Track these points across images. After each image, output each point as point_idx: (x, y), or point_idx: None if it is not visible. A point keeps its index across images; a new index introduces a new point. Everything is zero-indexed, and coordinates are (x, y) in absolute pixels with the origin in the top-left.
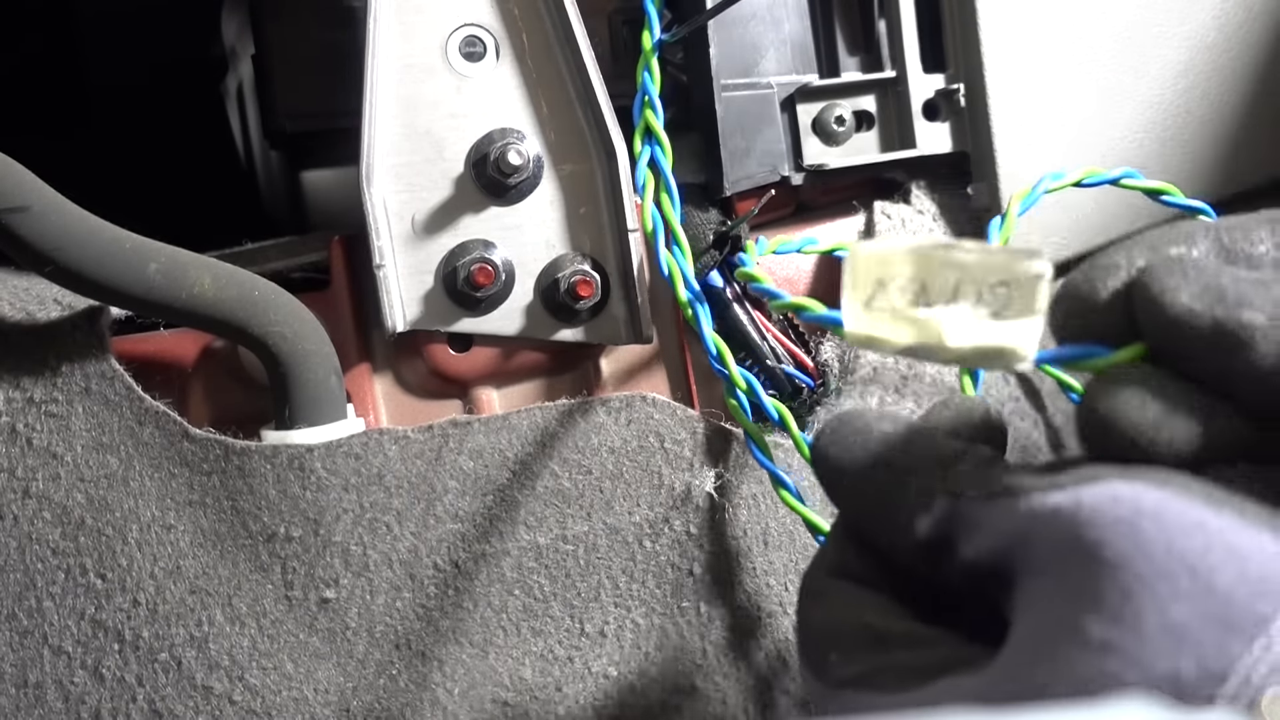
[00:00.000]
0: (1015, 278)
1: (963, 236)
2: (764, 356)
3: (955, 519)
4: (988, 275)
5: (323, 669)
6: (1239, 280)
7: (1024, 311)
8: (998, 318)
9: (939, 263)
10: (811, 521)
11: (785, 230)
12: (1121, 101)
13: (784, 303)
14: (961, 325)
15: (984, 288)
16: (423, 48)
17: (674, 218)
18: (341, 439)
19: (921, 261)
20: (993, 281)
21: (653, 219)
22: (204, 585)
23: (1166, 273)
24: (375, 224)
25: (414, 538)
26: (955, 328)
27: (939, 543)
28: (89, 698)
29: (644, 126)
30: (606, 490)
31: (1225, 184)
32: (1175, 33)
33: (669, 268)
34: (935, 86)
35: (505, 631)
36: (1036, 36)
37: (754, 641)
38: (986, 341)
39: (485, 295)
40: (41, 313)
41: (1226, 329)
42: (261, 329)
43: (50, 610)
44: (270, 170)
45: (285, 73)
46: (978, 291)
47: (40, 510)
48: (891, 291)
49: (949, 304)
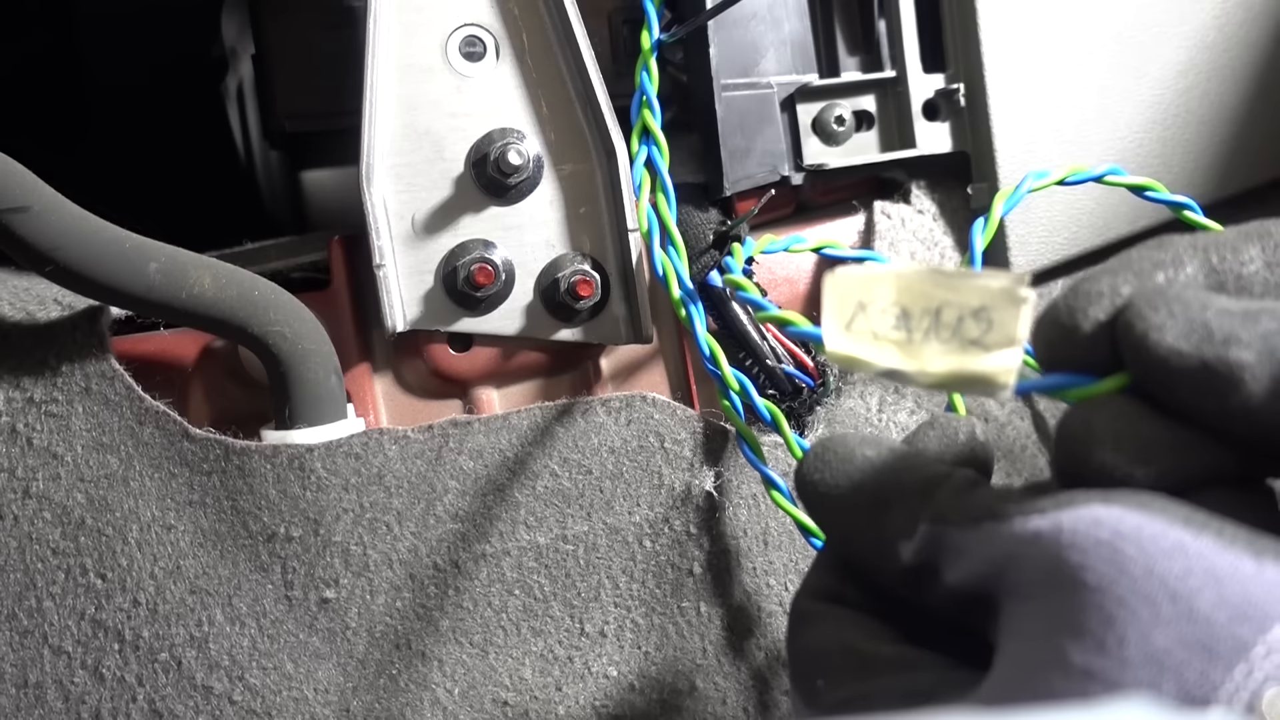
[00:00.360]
0: (996, 304)
1: (962, 235)
2: (764, 356)
3: (938, 545)
4: (969, 301)
5: (323, 669)
6: (1226, 315)
7: (1004, 340)
8: (978, 344)
9: (921, 287)
10: (804, 524)
11: (781, 230)
12: (1121, 101)
13: (768, 315)
14: (941, 351)
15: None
16: (423, 48)
17: (670, 218)
18: (341, 439)
19: (903, 285)
20: (974, 307)
21: (649, 219)
22: (204, 585)
23: (1151, 309)
24: (375, 224)
25: (414, 538)
26: (935, 353)
27: (923, 569)
28: (89, 698)
29: (641, 126)
30: (606, 490)
31: (1225, 184)
32: (1175, 33)
33: (663, 268)
34: (935, 86)
35: (505, 631)
36: (1036, 36)
37: (754, 641)
38: (966, 368)
39: (485, 295)
40: (41, 313)
41: (1215, 370)
42: (261, 328)
43: (50, 610)
44: (270, 170)
45: (285, 73)
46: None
47: (40, 510)
48: (872, 314)
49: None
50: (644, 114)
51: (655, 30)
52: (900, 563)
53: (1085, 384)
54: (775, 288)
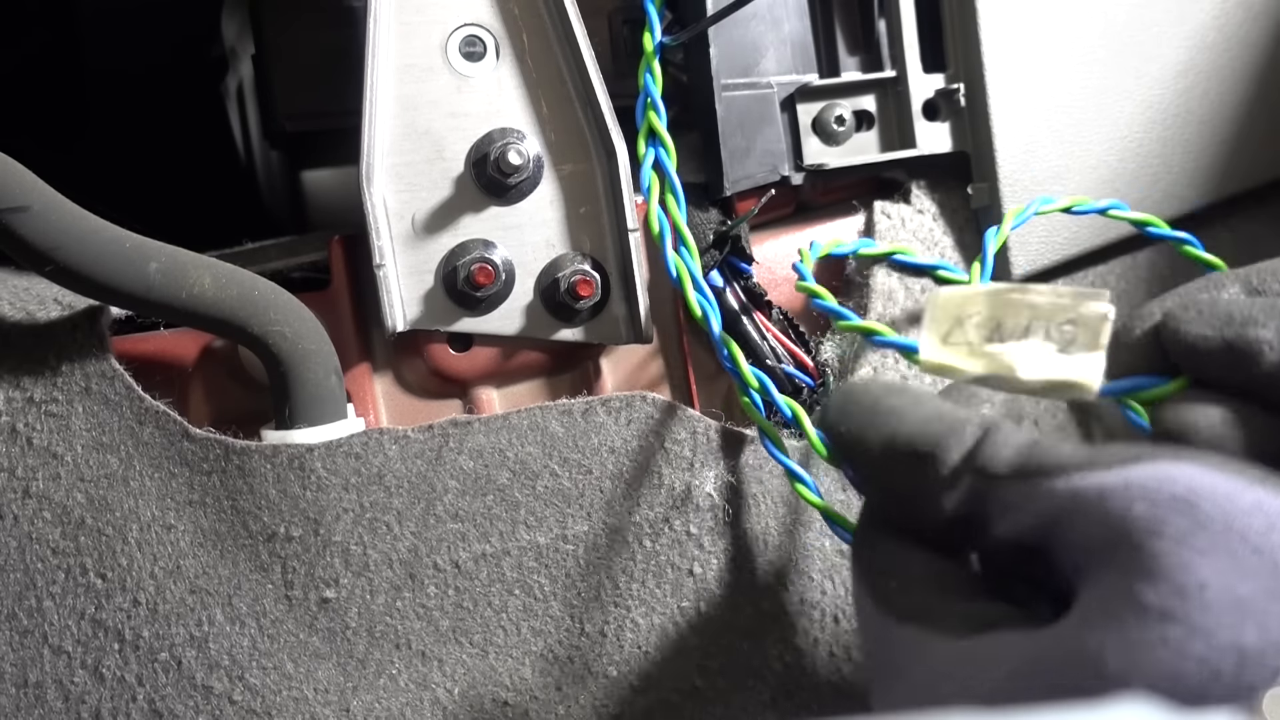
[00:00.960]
0: (1081, 317)
1: (962, 235)
2: (764, 356)
3: (986, 499)
4: (1056, 314)
5: (323, 669)
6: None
7: (1089, 346)
8: (1064, 352)
9: (1012, 303)
10: (832, 514)
11: (780, 231)
12: (1121, 101)
13: (851, 325)
14: (1032, 359)
15: (1052, 325)
16: (423, 48)
17: (681, 219)
18: (341, 439)
19: (996, 301)
20: (1060, 320)
21: (659, 221)
22: (204, 585)
23: (1183, 309)
24: (375, 224)
25: (414, 537)
26: (1026, 361)
27: (969, 519)
28: (89, 697)
29: (647, 128)
30: (606, 490)
31: (1225, 184)
32: (1175, 33)
33: (677, 270)
34: (935, 86)
35: (505, 631)
36: (1036, 36)
37: (754, 641)
38: (1055, 374)
39: (485, 295)
40: (41, 313)
41: (1235, 346)
42: (261, 328)
43: (50, 610)
44: (270, 170)
45: (285, 73)
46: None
47: (40, 510)
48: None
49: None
50: (650, 116)
51: (657, 32)
52: (943, 514)
53: (1157, 384)
54: (775, 287)
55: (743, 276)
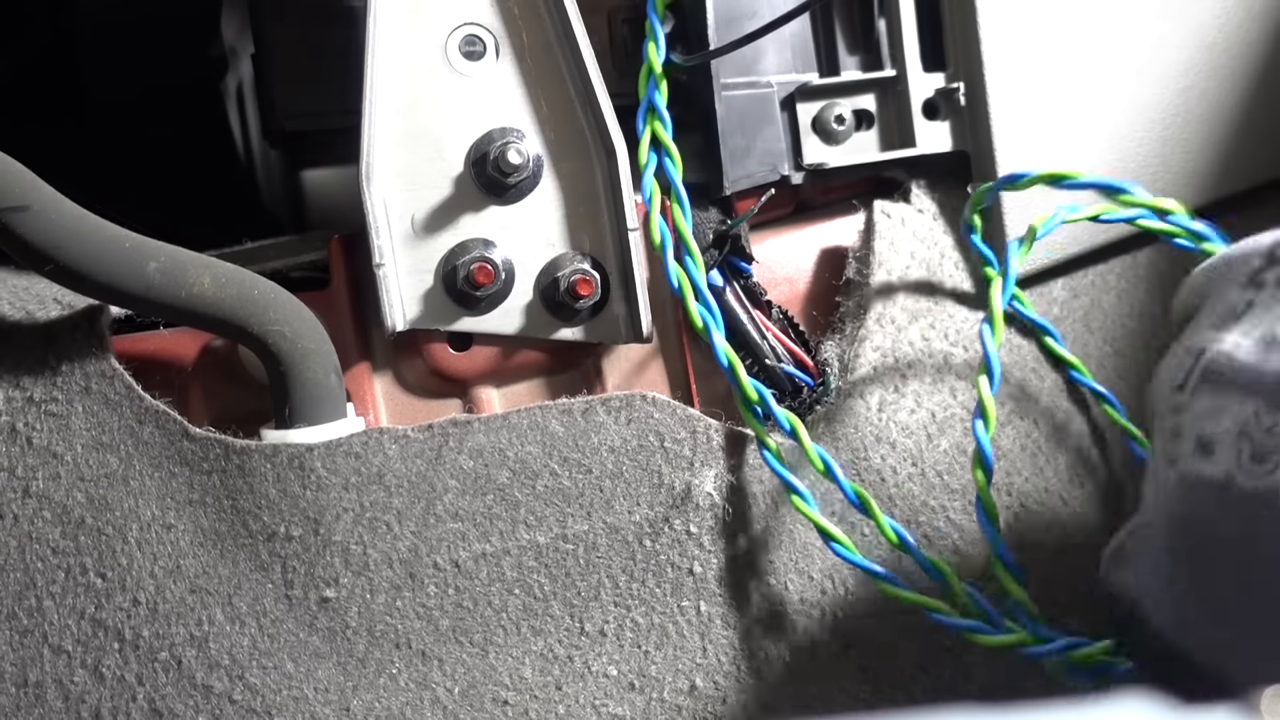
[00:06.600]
0: None
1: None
2: (764, 355)
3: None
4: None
5: (323, 668)
6: None
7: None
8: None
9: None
10: (823, 528)
11: (780, 230)
12: (1121, 101)
13: None
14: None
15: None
16: (423, 47)
17: (686, 229)
18: (341, 438)
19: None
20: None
21: (660, 232)
22: (204, 584)
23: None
24: (375, 223)
25: (414, 537)
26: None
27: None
28: (89, 697)
29: (651, 136)
30: (606, 489)
31: (1224, 184)
32: (1175, 33)
33: (679, 281)
34: (935, 85)
35: (505, 631)
36: (1036, 36)
37: (754, 641)
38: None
39: (485, 294)
40: (41, 312)
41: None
42: (261, 328)
43: (50, 609)
44: (270, 170)
45: (285, 73)
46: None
47: (40, 509)
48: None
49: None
50: (654, 125)
51: (660, 42)
52: None
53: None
54: (775, 287)
55: (743, 276)
